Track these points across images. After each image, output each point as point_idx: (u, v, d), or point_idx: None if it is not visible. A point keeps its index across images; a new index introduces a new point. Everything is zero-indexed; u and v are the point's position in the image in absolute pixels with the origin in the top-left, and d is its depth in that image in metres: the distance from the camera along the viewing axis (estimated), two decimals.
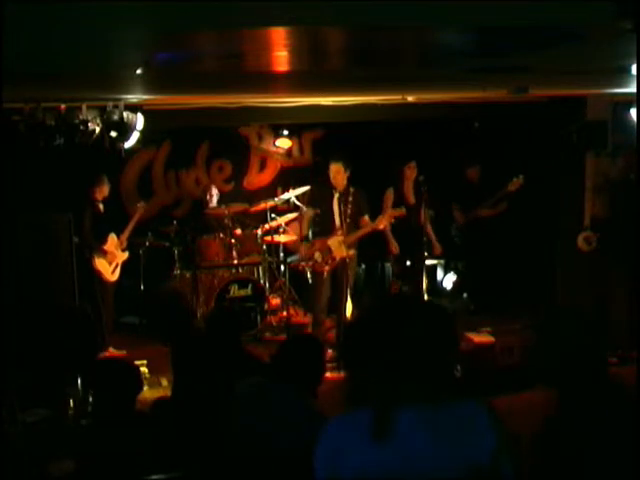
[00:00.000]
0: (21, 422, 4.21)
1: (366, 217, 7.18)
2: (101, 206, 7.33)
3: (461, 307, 8.44)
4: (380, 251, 8.12)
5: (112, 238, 7.41)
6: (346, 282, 6.99)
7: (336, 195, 7.07)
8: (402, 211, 7.16)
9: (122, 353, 7.25)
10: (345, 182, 7.08)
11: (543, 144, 8.24)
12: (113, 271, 7.36)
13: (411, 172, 7.74)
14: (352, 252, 6.97)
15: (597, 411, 2.31)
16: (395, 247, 7.73)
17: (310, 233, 7.29)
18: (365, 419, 1.84)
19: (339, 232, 7.04)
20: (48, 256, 6.90)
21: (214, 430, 3.39)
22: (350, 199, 7.06)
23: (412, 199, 7.74)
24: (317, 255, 7.07)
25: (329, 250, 7.05)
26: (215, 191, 8.58)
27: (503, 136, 8.72)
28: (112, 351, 7.28)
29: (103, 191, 7.33)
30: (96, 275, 7.23)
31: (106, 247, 7.32)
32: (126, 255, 7.52)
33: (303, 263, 7.21)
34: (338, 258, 7.03)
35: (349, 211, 7.05)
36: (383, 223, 7.10)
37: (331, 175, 7.07)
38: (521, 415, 2.48)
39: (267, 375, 3.42)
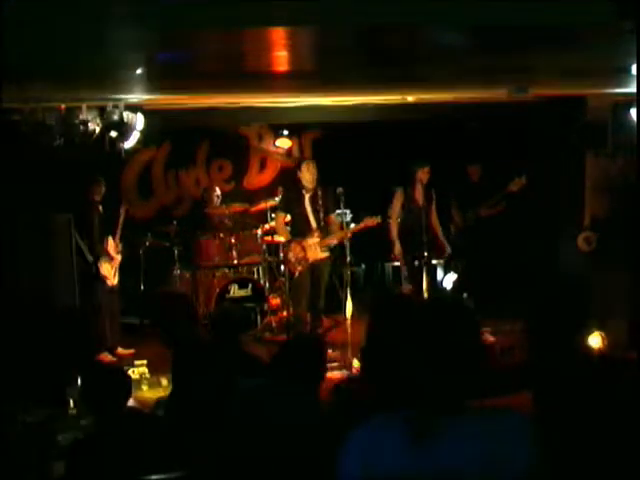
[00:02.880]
0: (21, 422, 4.21)
1: (332, 216, 7.23)
2: (100, 207, 7.28)
3: None
4: (380, 251, 8.11)
5: (110, 241, 7.30)
6: (322, 284, 7.14)
7: (307, 196, 7.12)
8: (377, 220, 7.19)
9: (130, 352, 7.27)
10: (315, 182, 7.14)
11: (543, 144, 8.24)
12: (114, 275, 7.32)
13: (424, 176, 7.69)
14: (326, 255, 7.09)
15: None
16: (398, 250, 7.71)
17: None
18: (400, 422, 1.84)
19: (315, 234, 7.10)
20: (48, 256, 6.90)
21: (214, 431, 3.38)
22: (320, 201, 7.12)
23: (421, 201, 7.69)
24: (291, 256, 7.13)
25: (304, 251, 7.10)
26: (219, 192, 8.59)
27: (503, 136, 8.72)
28: (120, 351, 7.30)
29: (100, 192, 7.24)
30: (98, 280, 7.13)
31: (109, 250, 7.24)
32: (120, 257, 7.44)
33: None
34: (312, 260, 7.08)
35: (322, 213, 7.12)
36: (356, 230, 7.17)
37: (304, 175, 7.10)
38: None
39: (268, 375, 3.42)
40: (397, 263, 8.58)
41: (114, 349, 7.25)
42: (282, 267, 8.29)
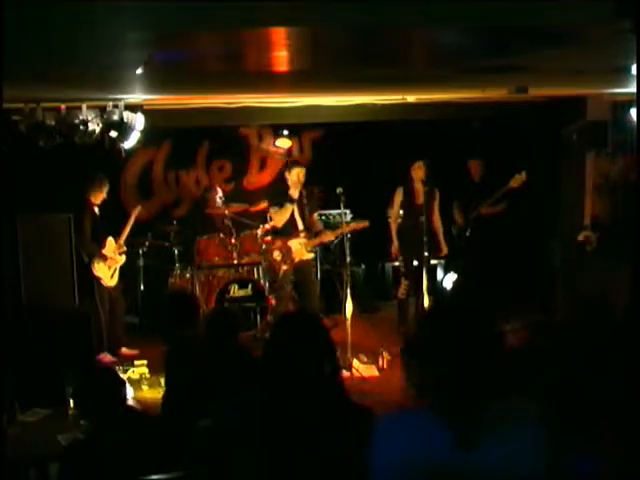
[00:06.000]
0: (21, 422, 4.21)
1: (314, 216, 7.27)
2: (97, 209, 7.25)
3: None
4: (380, 251, 8.12)
5: (110, 242, 7.29)
6: (309, 284, 7.23)
7: (293, 197, 7.17)
8: (364, 223, 7.21)
9: (134, 352, 7.27)
10: (300, 188, 7.17)
11: (543, 144, 8.24)
12: (112, 275, 7.29)
13: (416, 173, 7.67)
14: (311, 256, 7.16)
15: None
16: (395, 248, 7.71)
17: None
18: (441, 417, 1.85)
19: (302, 234, 7.11)
20: (48, 256, 6.89)
21: (214, 431, 3.38)
22: (305, 201, 7.15)
23: (421, 199, 7.66)
24: (276, 254, 7.12)
25: (289, 251, 7.10)
26: (221, 192, 8.60)
27: (503, 136, 8.72)
28: (125, 351, 7.32)
29: (101, 195, 7.22)
30: (96, 281, 7.13)
31: (105, 252, 7.22)
32: (123, 259, 7.44)
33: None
34: (297, 260, 7.09)
35: (307, 215, 7.15)
36: (340, 233, 7.24)
37: (294, 180, 7.12)
38: None
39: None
40: (397, 263, 8.58)
41: (117, 349, 7.25)
42: (262, 264, 8.14)
